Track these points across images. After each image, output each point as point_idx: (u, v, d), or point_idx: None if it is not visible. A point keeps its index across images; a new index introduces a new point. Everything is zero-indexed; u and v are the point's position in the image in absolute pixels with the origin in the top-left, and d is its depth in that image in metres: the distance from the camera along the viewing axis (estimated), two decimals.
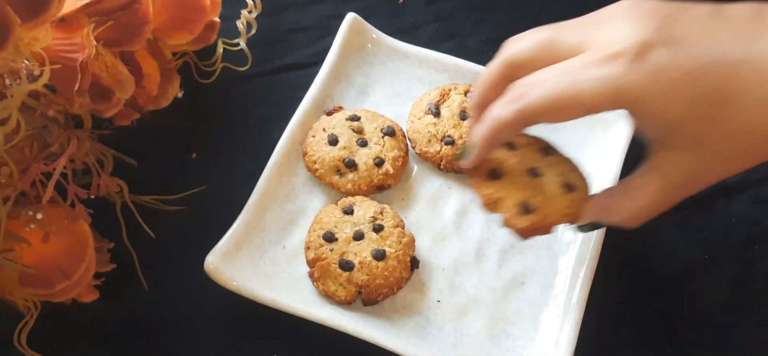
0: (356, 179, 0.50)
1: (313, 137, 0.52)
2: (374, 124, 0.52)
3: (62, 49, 0.41)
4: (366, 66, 0.57)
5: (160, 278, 0.49)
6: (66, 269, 0.43)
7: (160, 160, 0.53)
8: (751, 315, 0.46)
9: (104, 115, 0.47)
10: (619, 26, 0.33)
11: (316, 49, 0.59)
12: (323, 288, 0.46)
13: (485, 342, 0.46)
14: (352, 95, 0.56)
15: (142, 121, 0.52)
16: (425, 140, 0.52)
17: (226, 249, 0.46)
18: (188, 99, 0.56)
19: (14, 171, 0.41)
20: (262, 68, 0.59)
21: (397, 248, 0.47)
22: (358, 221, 0.48)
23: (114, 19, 0.45)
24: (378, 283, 0.46)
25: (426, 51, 0.56)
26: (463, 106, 0.52)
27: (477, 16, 0.62)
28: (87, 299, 0.46)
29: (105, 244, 0.47)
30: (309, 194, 0.51)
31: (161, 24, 0.51)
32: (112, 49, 0.46)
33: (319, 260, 0.46)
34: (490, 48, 0.60)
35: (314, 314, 0.44)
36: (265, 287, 0.45)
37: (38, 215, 0.42)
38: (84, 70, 0.41)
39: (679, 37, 0.32)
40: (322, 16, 0.62)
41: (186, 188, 0.52)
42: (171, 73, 0.54)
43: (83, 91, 0.42)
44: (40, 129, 0.44)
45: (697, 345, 0.46)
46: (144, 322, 0.47)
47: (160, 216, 0.50)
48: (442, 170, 0.52)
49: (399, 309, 0.47)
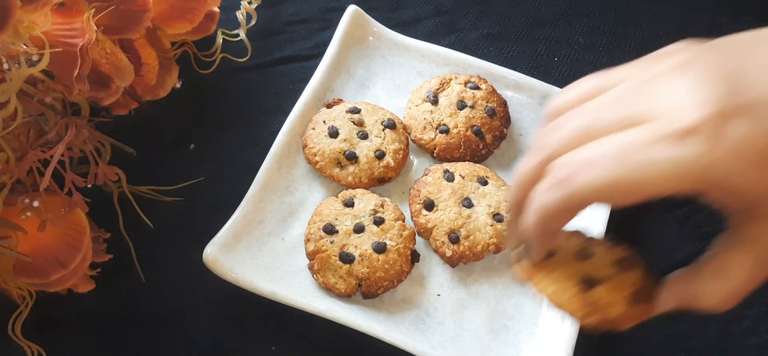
0: (357, 171, 0.50)
1: (314, 130, 0.51)
2: (375, 116, 0.52)
3: (62, 34, 0.41)
4: (367, 59, 0.57)
5: (158, 269, 0.48)
6: (62, 258, 0.43)
7: (158, 150, 0.53)
8: (750, 311, 0.46)
9: (103, 103, 0.47)
10: (681, 90, 0.29)
11: (315, 42, 0.59)
12: (323, 281, 0.46)
13: (485, 337, 0.45)
14: (353, 87, 0.55)
15: (140, 111, 0.51)
16: (420, 127, 0.52)
17: (224, 241, 0.46)
18: (187, 89, 0.55)
19: (11, 158, 0.41)
20: (261, 60, 0.58)
21: (398, 242, 0.46)
22: (358, 214, 0.47)
23: (114, 6, 0.44)
24: (378, 276, 0.45)
25: (427, 45, 0.56)
26: (461, 95, 0.52)
27: (477, 11, 0.62)
28: (83, 289, 0.46)
29: (101, 234, 0.46)
30: (309, 187, 0.51)
31: (161, 13, 0.51)
32: (111, 36, 0.46)
33: (319, 253, 0.46)
34: (490, 43, 0.60)
35: (314, 306, 0.44)
36: (265, 279, 0.45)
37: (35, 203, 0.42)
38: (84, 55, 0.40)
39: (754, 100, 0.28)
40: (322, 9, 0.62)
41: (184, 178, 0.51)
42: (170, 63, 0.53)
43: (83, 77, 0.41)
44: (38, 116, 0.44)
45: (697, 340, 0.46)
46: (140, 313, 0.47)
47: (158, 207, 0.50)
48: (435, 158, 0.52)
49: (399, 303, 0.46)
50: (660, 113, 0.28)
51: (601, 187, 0.29)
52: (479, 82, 0.53)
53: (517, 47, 0.60)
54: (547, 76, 0.55)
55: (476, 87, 0.53)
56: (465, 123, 0.51)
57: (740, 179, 0.28)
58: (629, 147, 0.28)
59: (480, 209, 0.48)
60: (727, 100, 0.28)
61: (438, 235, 0.47)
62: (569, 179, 0.30)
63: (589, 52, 0.59)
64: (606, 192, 0.29)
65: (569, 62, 0.59)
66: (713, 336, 0.46)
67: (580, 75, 0.60)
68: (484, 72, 0.54)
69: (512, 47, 0.60)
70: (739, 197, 0.29)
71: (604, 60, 0.59)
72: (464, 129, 0.51)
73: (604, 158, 0.29)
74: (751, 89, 0.28)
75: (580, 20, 0.61)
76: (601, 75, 0.33)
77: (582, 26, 0.61)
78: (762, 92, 0.28)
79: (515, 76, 0.54)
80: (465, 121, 0.51)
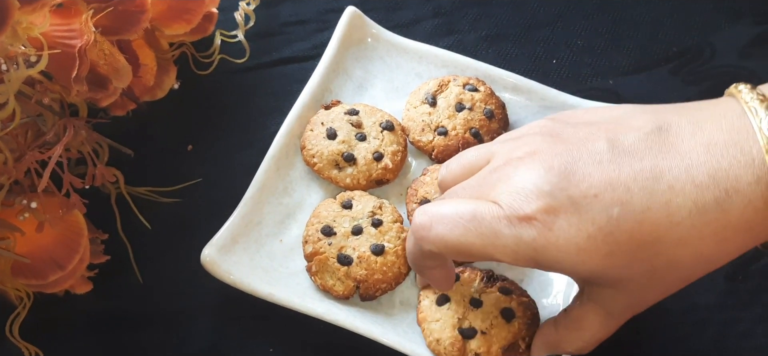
0: (355, 173, 0.50)
1: (312, 131, 0.51)
2: (373, 118, 0.52)
3: (60, 35, 0.41)
4: (365, 60, 0.56)
5: (155, 270, 0.48)
6: (60, 259, 0.43)
7: (156, 151, 0.53)
8: (748, 313, 0.47)
9: (100, 104, 0.47)
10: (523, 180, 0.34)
11: (314, 43, 0.59)
12: (321, 283, 0.46)
13: None
14: (351, 89, 0.55)
15: (138, 112, 0.51)
16: (419, 129, 0.52)
17: (222, 242, 0.46)
18: (185, 90, 0.55)
19: (9, 159, 0.41)
20: (259, 61, 0.58)
21: (396, 244, 0.46)
22: (356, 216, 0.47)
23: (112, 7, 0.44)
24: (376, 278, 0.45)
25: (426, 46, 0.56)
26: (459, 98, 0.52)
27: (476, 13, 0.62)
28: (80, 290, 0.46)
29: (99, 235, 0.46)
30: (307, 188, 0.51)
31: (159, 13, 0.51)
32: (109, 37, 0.46)
33: (317, 255, 0.46)
34: (489, 44, 0.60)
35: (311, 308, 0.44)
36: (262, 281, 0.45)
37: (32, 204, 0.42)
38: (82, 56, 0.40)
39: (581, 198, 0.32)
40: (321, 10, 0.61)
41: (182, 180, 0.51)
42: (168, 64, 0.53)
43: (81, 78, 0.41)
44: (36, 117, 0.44)
45: (695, 342, 0.46)
46: (138, 314, 0.47)
47: (156, 208, 0.50)
48: (433, 160, 0.52)
49: (397, 305, 0.46)
50: (506, 195, 0.34)
51: (454, 243, 0.34)
52: (478, 84, 0.53)
53: (515, 49, 0.60)
54: (545, 79, 0.55)
55: (475, 89, 0.53)
56: (463, 125, 0.51)
57: (569, 261, 0.33)
58: (481, 216, 0.34)
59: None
60: (552, 196, 0.32)
61: None
62: (425, 228, 0.35)
63: (588, 55, 0.59)
64: (456, 249, 0.35)
65: (568, 64, 0.59)
66: (710, 340, 0.46)
67: (578, 77, 0.61)
68: (482, 74, 0.54)
69: (511, 49, 0.60)
70: (573, 275, 0.35)
71: (603, 62, 0.59)
72: (462, 131, 0.51)
73: (458, 218, 0.34)
74: (576, 185, 0.32)
75: (579, 22, 0.62)
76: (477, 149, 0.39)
77: (581, 28, 0.61)
78: (583, 188, 0.32)
79: (514, 78, 0.54)
80: (463, 123, 0.51)
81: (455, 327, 0.43)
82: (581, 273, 0.34)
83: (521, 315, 0.43)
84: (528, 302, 0.44)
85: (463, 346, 0.42)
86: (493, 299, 0.44)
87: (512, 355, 0.42)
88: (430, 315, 0.44)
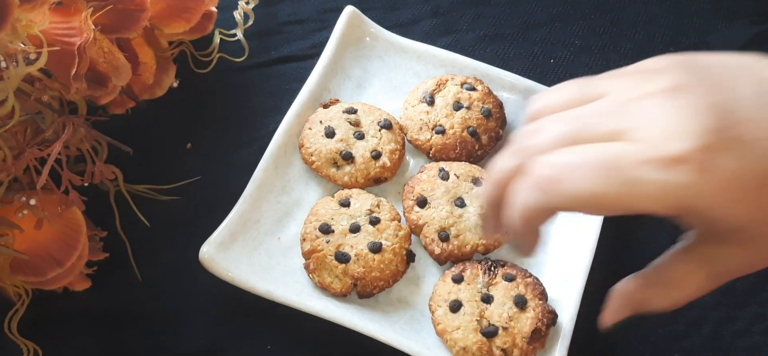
0: (353, 171, 0.50)
1: (310, 130, 0.51)
2: (371, 117, 0.52)
3: (59, 32, 0.41)
4: (363, 60, 0.57)
5: (154, 268, 0.48)
6: (58, 256, 0.43)
7: (155, 149, 0.53)
8: (743, 311, 0.47)
9: (100, 102, 0.47)
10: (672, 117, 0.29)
11: (312, 42, 0.59)
12: (319, 280, 0.46)
13: None
14: (349, 88, 0.55)
15: (137, 109, 0.51)
16: (417, 128, 0.52)
17: (221, 240, 0.46)
18: (184, 89, 0.55)
19: (8, 156, 0.41)
20: (258, 59, 0.58)
21: (394, 241, 0.47)
22: (354, 214, 0.47)
23: (111, 5, 0.44)
24: (374, 276, 0.45)
25: (424, 46, 0.56)
26: (457, 96, 0.52)
27: (474, 13, 0.62)
28: (79, 287, 0.46)
29: (98, 232, 0.46)
30: (305, 186, 0.51)
31: (158, 12, 0.51)
32: (109, 35, 0.46)
33: (315, 252, 0.46)
34: (487, 44, 0.60)
35: (309, 306, 0.44)
36: (260, 278, 0.45)
37: (31, 201, 0.42)
38: (82, 54, 0.41)
39: (740, 137, 0.29)
40: (319, 9, 0.62)
41: (181, 177, 0.51)
42: (167, 62, 0.54)
43: (80, 76, 0.41)
44: (35, 115, 0.44)
45: (690, 341, 0.46)
46: (136, 312, 0.47)
47: (154, 206, 0.50)
48: (431, 159, 0.52)
49: (394, 302, 0.47)
50: (649, 135, 0.29)
51: (587, 197, 0.29)
52: (475, 83, 0.53)
53: (513, 49, 0.60)
54: (543, 78, 0.55)
55: (472, 88, 0.53)
56: (461, 124, 0.51)
57: (720, 212, 0.29)
58: (618, 161, 0.29)
59: (472, 210, 0.48)
60: (716, 134, 0.29)
61: (428, 232, 0.48)
62: (554, 182, 0.30)
63: (585, 54, 0.60)
64: (590, 203, 0.30)
65: (565, 64, 0.59)
66: (706, 337, 0.46)
67: (575, 76, 0.60)
68: (480, 73, 0.55)
69: (508, 49, 0.60)
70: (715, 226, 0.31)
71: (600, 62, 0.59)
72: (460, 130, 0.51)
73: (591, 167, 0.29)
74: (738, 126, 0.29)
75: (576, 22, 0.62)
76: (583, 82, 0.33)
77: (578, 28, 0.61)
78: (747, 129, 0.29)
79: (511, 77, 0.55)
80: (461, 122, 0.51)
81: (477, 330, 0.43)
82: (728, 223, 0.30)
83: (532, 297, 0.44)
84: (533, 281, 0.45)
85: (489, 348, 0.43)
86: (502, 290, 0.45)
87: (537, 342, 0.43)
88: (449, 324, 0.44)
